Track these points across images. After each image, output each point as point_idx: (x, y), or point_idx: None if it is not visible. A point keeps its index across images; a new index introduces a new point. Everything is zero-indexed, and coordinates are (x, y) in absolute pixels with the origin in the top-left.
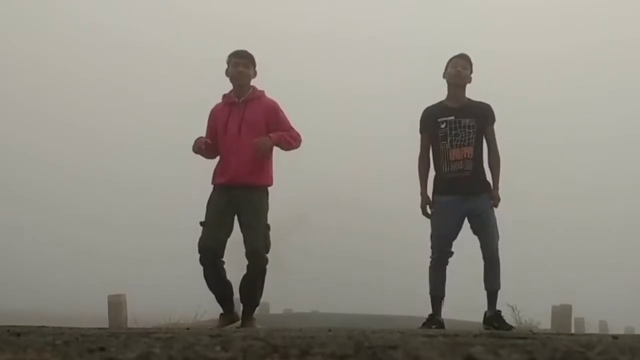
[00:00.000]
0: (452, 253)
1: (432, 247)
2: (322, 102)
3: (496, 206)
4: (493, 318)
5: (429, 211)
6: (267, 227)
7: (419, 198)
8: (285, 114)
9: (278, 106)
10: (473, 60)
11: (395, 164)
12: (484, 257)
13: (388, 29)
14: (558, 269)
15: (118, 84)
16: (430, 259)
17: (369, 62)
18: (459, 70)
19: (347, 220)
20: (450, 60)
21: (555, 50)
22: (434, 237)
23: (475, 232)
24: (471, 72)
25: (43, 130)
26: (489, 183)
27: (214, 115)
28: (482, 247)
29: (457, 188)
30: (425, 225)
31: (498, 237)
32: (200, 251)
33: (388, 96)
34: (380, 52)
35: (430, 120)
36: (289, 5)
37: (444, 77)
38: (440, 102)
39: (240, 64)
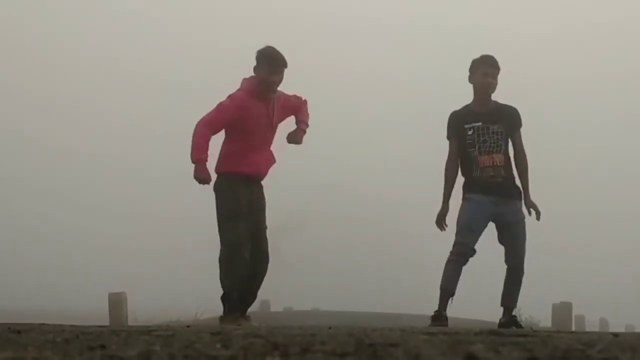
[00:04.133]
0: (474, 252)
1: (455, 242)
2: (327, 88)
3: (537, 212)
4: (509, 324)
5: (444, 224)
6: (266, 227)
7: (422, 194)
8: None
9: (284, 94)
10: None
11: (401, 163)
12: (508, 271)
13: (404, 12)
14: (558, 266)
15: (128, 70)
16: (450, 253)
17: (377, 47)
18: (489, 81)
19: (349, 217)
20: (478, 65)
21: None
22: (459, 230)
23: (502, 242)
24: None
25: (45, 117)
26: (520, 189)
27: (244, 108)
28: (507, 259)
29: (488, 191)
30: (428, 224)
31: (525, 252)
32: (239, 243)
33: (397, 85)
34: (386, 37)
35: (457, 126)
36: None
37: (470, 81)
38: (467, 106)
39: (277, 72)
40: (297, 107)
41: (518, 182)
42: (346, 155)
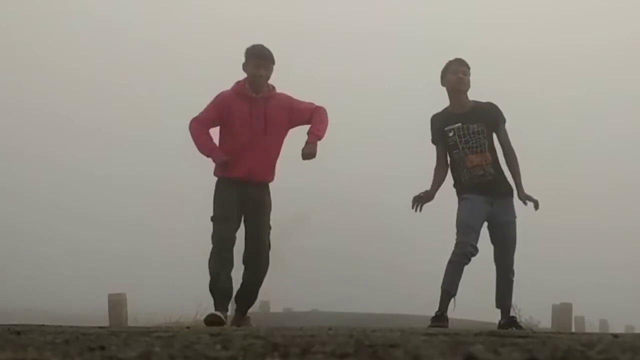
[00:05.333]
0: (476, 251)
1: (457, 242)
2: (325, 96)
3: (534, 201)
4: (508, 325)
5: (419, 207)
6: (269, 228)
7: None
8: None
9: (290, 97)
10: (478, 58)
11: (398, 162)
12: (498, 272)
13: (398, 22)
14: (558, 267)
15: (120, 82)
16: (452, 254)
17: (373, 55)
18: (460, 77)
19: (348, 219)
20: (448, 66)
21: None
22: (460, 229)
23: (493, 242)
24: (469, 75)
25: (43, 129)
26: (512, 187)
27: (226, 105)
28: (496, 259)
29: (481, 191)
30: (428, 222)
31: (513, 253)
32: (219, 243)
33: (393, 92)
34: (382, 45)
35: (438, 129)
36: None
37: (443, 84)
38: (445, 110)
39: (262, 66)
40: (305, 113)
41: (510, 179)
42: (347, 159)
